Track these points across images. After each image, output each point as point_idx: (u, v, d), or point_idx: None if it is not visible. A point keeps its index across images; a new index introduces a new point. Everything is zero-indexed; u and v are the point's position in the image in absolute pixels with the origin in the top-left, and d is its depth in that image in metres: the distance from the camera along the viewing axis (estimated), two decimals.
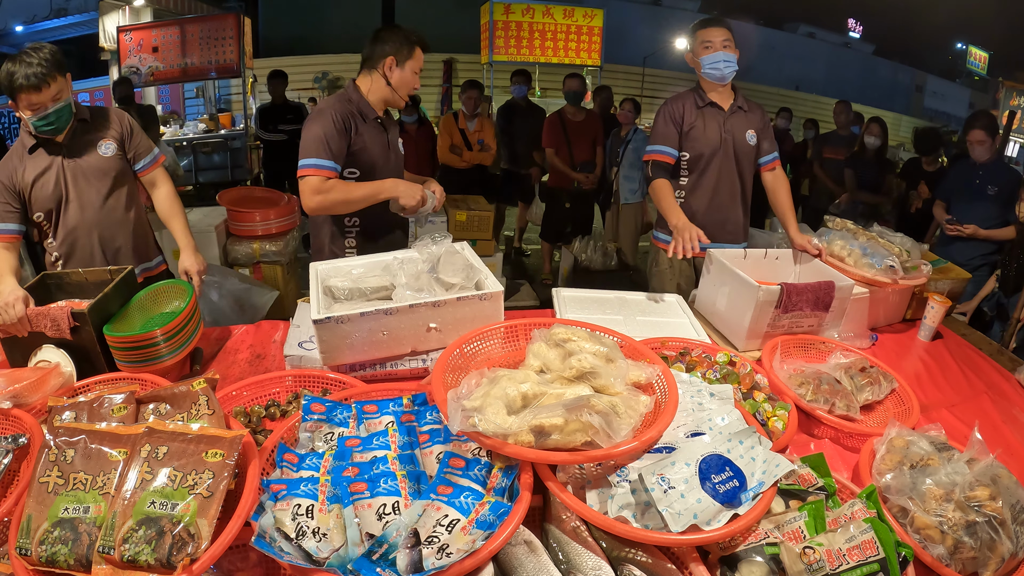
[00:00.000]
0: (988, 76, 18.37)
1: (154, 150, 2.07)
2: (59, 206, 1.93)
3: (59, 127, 1.84)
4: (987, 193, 3.20)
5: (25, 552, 0.89)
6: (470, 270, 1.59)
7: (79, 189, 1.93)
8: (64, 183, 1.91)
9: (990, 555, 1.04)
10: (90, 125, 1.95)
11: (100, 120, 1.97)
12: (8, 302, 1.50)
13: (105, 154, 1.95)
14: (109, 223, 1.98)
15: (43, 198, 1.91)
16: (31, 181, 1.88)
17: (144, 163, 2.03)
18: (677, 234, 1.95)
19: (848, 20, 18.87)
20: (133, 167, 2.02)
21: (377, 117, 1.99)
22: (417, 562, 0.86)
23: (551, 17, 6.49)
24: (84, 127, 1.94)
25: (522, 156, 5.01)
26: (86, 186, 1.93)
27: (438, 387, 1.09)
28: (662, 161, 2.24)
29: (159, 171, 2.07)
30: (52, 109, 1.78)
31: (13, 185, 1.87)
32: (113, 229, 1.99)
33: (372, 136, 1.95)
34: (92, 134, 1.94)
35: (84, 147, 1.92)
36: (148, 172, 2.05)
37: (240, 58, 6.44)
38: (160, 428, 0.98)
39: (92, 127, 1.95)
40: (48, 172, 1.89)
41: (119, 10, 7.07)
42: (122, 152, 1.99)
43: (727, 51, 2.16)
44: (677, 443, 1.09)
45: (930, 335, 2.00)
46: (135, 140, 2.01)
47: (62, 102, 1.80)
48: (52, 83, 1.75)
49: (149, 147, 2.05)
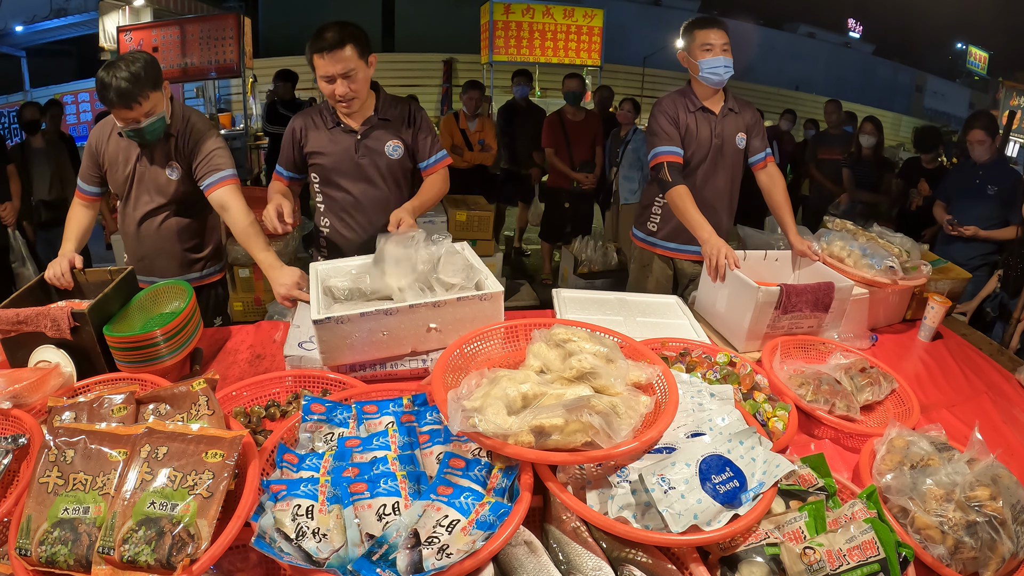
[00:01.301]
0: (988, 76, 18.37)
1: (218, 173, 1.89)
2: (124, 194, 2.01)
3: (150, 140, 1.84)
4: (987, 193, 3.20)
5: (25, 552, 0.89)
6: (470, 270, 1.59)
7: (139, 193, 1.99)
8: (132, 179, 1.97)
9: (991, 555, 1.04)
10: (171, 141, 1.91)
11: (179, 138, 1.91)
12: (55, 261, 1.71)
13: (171, 177, 1.96)
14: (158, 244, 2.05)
15: (115, 180, 1.98)
16: (111, 157, 1.94)
17: (207, 184, 1.89)
18: (708, 251, 1.90)
19: (848, 20, 18.87)
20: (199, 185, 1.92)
21: (338, 123, 1.97)
22: (417, 563, 0.86)
23: (551, 17, 6.49)
24: (165, 142, 1.91)
25: (522, 156, 5.02)
26: (146, 195, 1.99)
27: (438, 387, 1.09)
28: (675, 162, 2.15)
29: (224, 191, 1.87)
30: (144, 124, 1.78)
31: (97, 152, 1.94)
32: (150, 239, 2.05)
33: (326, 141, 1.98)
34: (167, 151, 1.93)
35: (157, 161, 1.94)
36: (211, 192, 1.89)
37: (240, 58, 6.43)
38: (160, 428, 0.98)
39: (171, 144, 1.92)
40: (125, 162, 1.95)
41: (119, 10, 7.07)
42: (189, 176, 1.95)
43: (726, 55, 2.10)
44: (677, 443, 1.09)
45: (930, 335, 2.00)
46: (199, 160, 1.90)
47: (155, 117, 1.79)
48: (144, 102, 1.73)
49: (214, 168, 1.89)
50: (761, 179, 2.27)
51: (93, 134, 1.96)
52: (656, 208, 2.38)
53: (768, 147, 2.28)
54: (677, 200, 2.09)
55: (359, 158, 1.99)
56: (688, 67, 2.20)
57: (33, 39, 9.92)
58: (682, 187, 2.10)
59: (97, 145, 1.95)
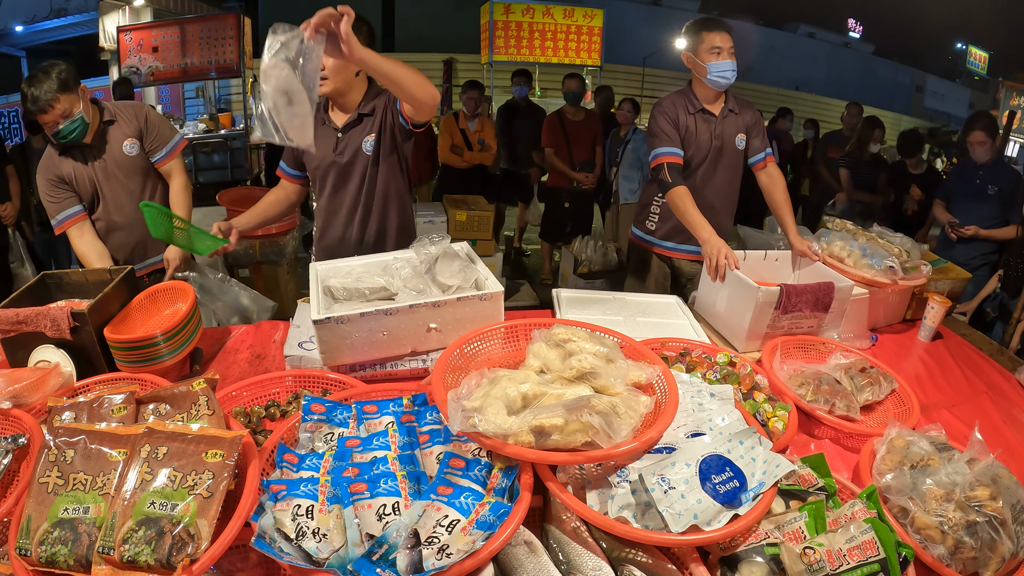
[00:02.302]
0: (988, 76, 18.38)
1: (170, 141, 2.12)
2: (95, 201, 2.08)
3: (75, 139, 1.96)
4: (987, 193, 3.20)
5: (25, 552, 0.89)
6: (468, 271, 1.59)
7: (110, 187, 2.07)
8: (97, 181, 2.05)
9: (991, 555, 1.04)
10: (115, 125, 2.06)
11: (124, 118, 2.07)
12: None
13: (130, 153, 2.06)
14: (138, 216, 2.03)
15: (84, 194, 2.06)
16: (69, 175, 2.03)
17: (159, 156, 2.11)
18: (708, 251, 1.89)
19: (848, 20, 18.88)
20: (151, 160, 2.10)
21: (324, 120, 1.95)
22: (417, 563, 0.86)
23: (551, 17, 6.49)
24: (108, 127, 2.04)
25: (522, 156, 5.02)
26: (116, 185, 2.07)
27: (438, 387, 1.09)
28: (675, 163, 2.15)
29: (174, 163, 2.13)
30: (62, 126, 1.92)
31: (60, 178, 2.03)
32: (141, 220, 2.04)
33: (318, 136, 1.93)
34: (116, 134, 2.06)
35: (110, 147, 2.05)
36: (164, 164, 2.11)
37: (240, 58, 6.44)
38: (160, 428, 0.98)
39: (117, 126, 2.06)
40: (82, 171, 2.04)
41: (119, 10, 7.07)
42: (143, 147, 2.09)
43: (732, 58, 2.10)
44: (677, 443, 1.09)
45: (930, 335, 2.00)
46: (150, 133, 2.09)
47: (72, 117, 1.93)
48: (56, 104, 1.88)
49: (165, 139, 2.11)
50: (761, 179, 2.26)
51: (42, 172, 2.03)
52: (655, 207, 2.38)
53: (768, 147, 2.28)
54: (677, 201, 2.09)
55: (336, 156, 1.93)
56: (693, 68, 2.19)
57: (33, 39, 9.91)
58: (682, 188, 2.10)
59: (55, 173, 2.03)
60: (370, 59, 1.42)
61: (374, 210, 1.99)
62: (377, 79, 1.62)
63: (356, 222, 2.01)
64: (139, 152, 2.08)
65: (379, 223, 2.02)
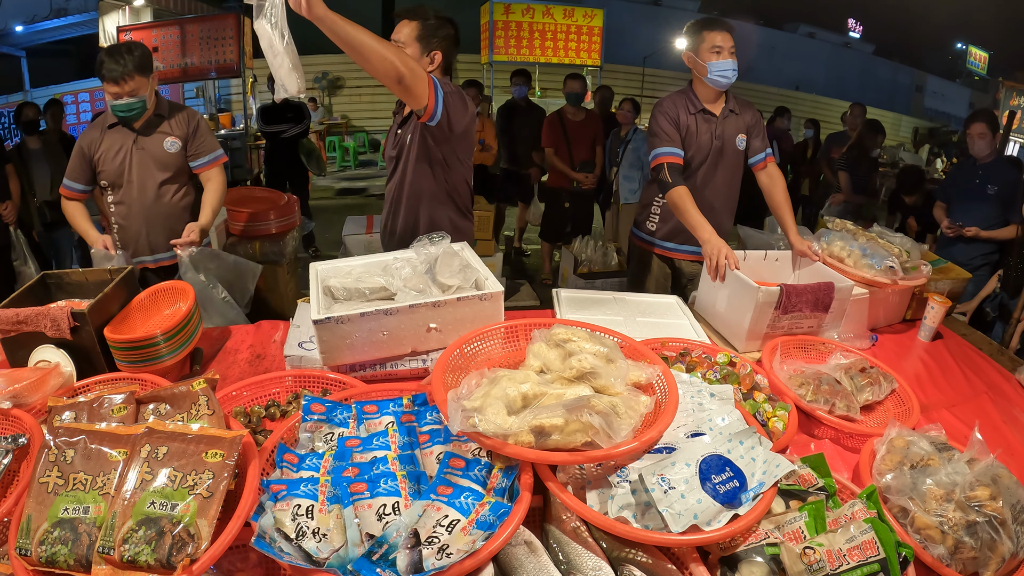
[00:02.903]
0: (988, 76, 18.35)
1: (213, 152, 2.30)
2: (120, 182, 2.22)
3: (132, 117, 2.15)
4: (987, 193, 3.20)
5: (25, 552, 0.89)
6: (467, 271, 1.59)
7: (140, 173, 2.20)
8: (129, 163, 2.19)
9: (991, 555, 1.04)
10: (164, 121, 2.22)
11: (176, 120, 2.25)
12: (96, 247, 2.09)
13: (169, 150, 2.22)
14: (160, 211, 2.23)
15: (109, 170, 2.20)
16: (104, 152, 2.18)
17: (200, 162, 2.28)
18: (708, 251, 1.90)
19: (848, 20, 18.85)
20: (190, 164, 2.27)
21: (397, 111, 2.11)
22: (417, 562, 0.86)
23: (551, 17, 6.49)
24: (159, 121, 2.22)
25: (522, 156, 5.01)
26: (146, 172, 2.21)
27: (438, 387, 1.09)
28: (675, 163, 2.15)
29: (214, 171, 2.30)
30: (123, 101, 2.09)
31: (89, 152, 2.19)
32: (164, 217, 2.24)
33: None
34: (163, 130, 2.22)
35: (154, 138, 2.21)
36: (203, 170, 2.29)
37: (240, 58, 6.43)
38: (160, 428, 0.98)
39: (166, 123, 2.22)
40: (120, 150, 2.19)
41: (119, 10, 7.07)
42: (185, 150, 2.25)
43: (733, 58, 2.10)
44: (677, 443, 1.09)
45: (930, 335, 2.00)
46: (197, 140, 2.27)
47: (136, 98, 2.11)
48: (129, 81, 2.07)
49: (209, 149, 2.29)
50: (762, 179, 2.27)
51: (84, 136, 2.22)
52: (655, 208, 2.38)
53: (769, 147, 2.28)
54: (677, 201, 2.09)
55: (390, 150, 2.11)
56: (693, 68, 2.20)
57: (33, 39, 9.91)
58: (682, 188, 2.10)
59: (89, 145, 2.19)
60: (328, 19, 1.43)
61: (403, 205, 2.06)
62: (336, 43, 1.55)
63: (391, 215, 2.12)
64: (178, 152, 2.23)
65: (407, 219, 2.08)
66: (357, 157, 10.49)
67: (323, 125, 10.45)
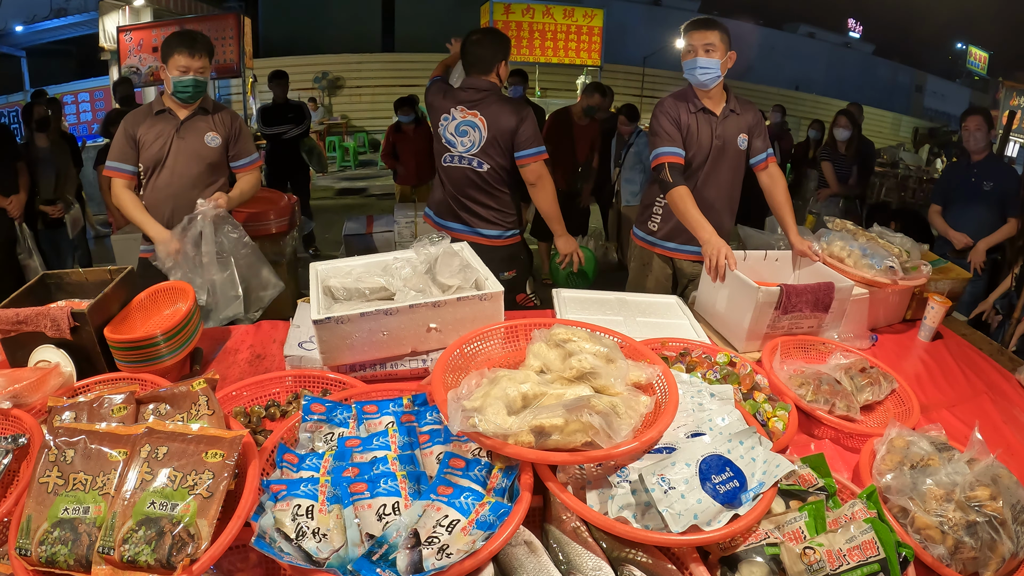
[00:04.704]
0: (988, 76, 18.36)
1: (252, 155, 2.39)
2: (156, 167, 2.23)
3: (187, 98, 2.20)
4: (983, 190, 3.19)
5: (25, 552, 0.89)
6: (467, 271, 1.59)
7: (177, 162, 2.23)
8: (168, 151, 2.22)
9: (991, 555, 1.04)
10: (209, 116, 2.28)
11: (220, 118, 2.31)
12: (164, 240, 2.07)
13: (210, 144, 2.27)
14: (188, 200, 2.20)
15: (148, 155, 2.22)
16: (146, 136, 2.21)
17: (240, 163, 2.38)
18: (708, 251, 1.90)
19: (848, 20, 18.86)
20: (230, 164, 2.36)
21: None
22: (417, 562, 0.86)
23: (551, 17, 6.48)
24: (203, 115, 2.27)
25: None
26: (183, 163, 2.24)
27: (438, 387, 1.09)
28: (676, 163, 2.15)
29: (251, 174, 2.40)
30: (191, 77, 2.15)
31: (134, 134, 2.21)
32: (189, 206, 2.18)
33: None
34: (207, 124, 2.27)
35: (196, 131, 2.25)
36: (241, 171, 2.38)
37: (240, 58, 6.44)
38: (160, 428, 0.98)
39: (210, 119, 2.28)
40: (161, 136, 2.22)
41: (119, 10, 7.07)
42: (225, 149, 2.32)
43: (708, 56, 2.09)
44: (677, 443, 1.09)
45: (930, 335, 2.00)
46: (239, 142, 2.35)
47: (203, 77, 2.19)
48: (203, 56, 2.16)
49: (249, 151, 2.38)
50: (762, 179, 2.27)
51: (129, 119, 2.23)
52: (656, 208, 2.38)
53: (770, 147, 2.28)
54: (678, 200, 2.09)
55: None
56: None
57: (33, 39, 9.92)
58: (683, 188, 2.10)
59: (134, 126, 2.22)
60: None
61: None
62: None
63: None
64: (218, 148, 2.29)
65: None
66: (357, 157, 10.49)
67: (323, 125, 10.45)
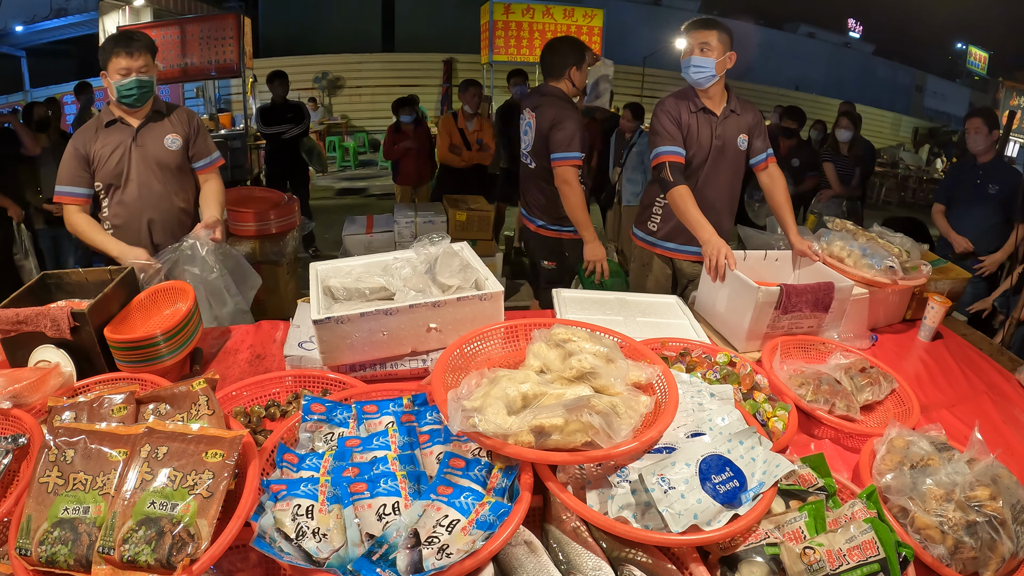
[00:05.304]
0: (988, 76, 18.35)
1: (213, 154, 2.28)
2: (119, 182, 2.12)
3: (138, 99, 2.07)
4: (988, 192, 3.19)
5: (25, 552, 0.89)
6: (467, 271, 1.59)
7: (140, 172, 2.13)
8: (128, 163, 2.11)
9: (991, 555, 1.04)
10: (164, 119, 2.17)
11: (177, 118, 2.21)
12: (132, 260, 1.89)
13: (171, 148, 2.16)
14: (161, 210, 2.16)
15: (106, 171, 2.10)
16: (100, 152, 2.08)
17: (202, 163, 2.26)
18: (708, 251, 1.91)
19: (848, 20, 18.84)
20: (192, 164, 2.24)
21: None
22: (417, 562, 0.86)
23: (551, 17, 6.48)
24: (158, 119, 2.16)
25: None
26: (147, 172, 2.13)
27: (438, 387, 1.09)
28: (677, 162, 2.16)
29: (214, 173, 2.29)
30: (135, 78, 2.02)
31: (86, 153, 2.08)
32: (164, 216, 2.17)
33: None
34: (163, 127, 2.17)
35: (153, 137, 2.14)
36: (203, 172, 2.27)
37: (240, 58, 6.43)
38: (160, 428, 0.98)
39: (165, 121, 2.17)
40: (117, 149, 2.10)
41: (119, 10, 7.07)
42: (186, 149, 2.21)
43: (703, 55, 2.11)
44: (677, 443, 1.09)
45: (930, 335, 2.00)
46: (199, 141, 2.24)
47: (146, 77, 2.05)
48: (141, 55, 2.02)
49: (209, 150, 2.27)
50: (763, 180, 2.28)
51: (77, 138, 2.09)
52: (657, 208, 2.38)
53: (769, 147, 2.28)
54: (678, 200, 2.09)
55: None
56: None
57: (33, 39, 9.93)
58: (683, 187, 2.10)
59: (84, 145, 2.08)
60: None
61: None
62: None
63: None
64: (179, 150, 2.18)
65: None
66: (357, 157, 10.49)
67: (323, 125, 10.46)
